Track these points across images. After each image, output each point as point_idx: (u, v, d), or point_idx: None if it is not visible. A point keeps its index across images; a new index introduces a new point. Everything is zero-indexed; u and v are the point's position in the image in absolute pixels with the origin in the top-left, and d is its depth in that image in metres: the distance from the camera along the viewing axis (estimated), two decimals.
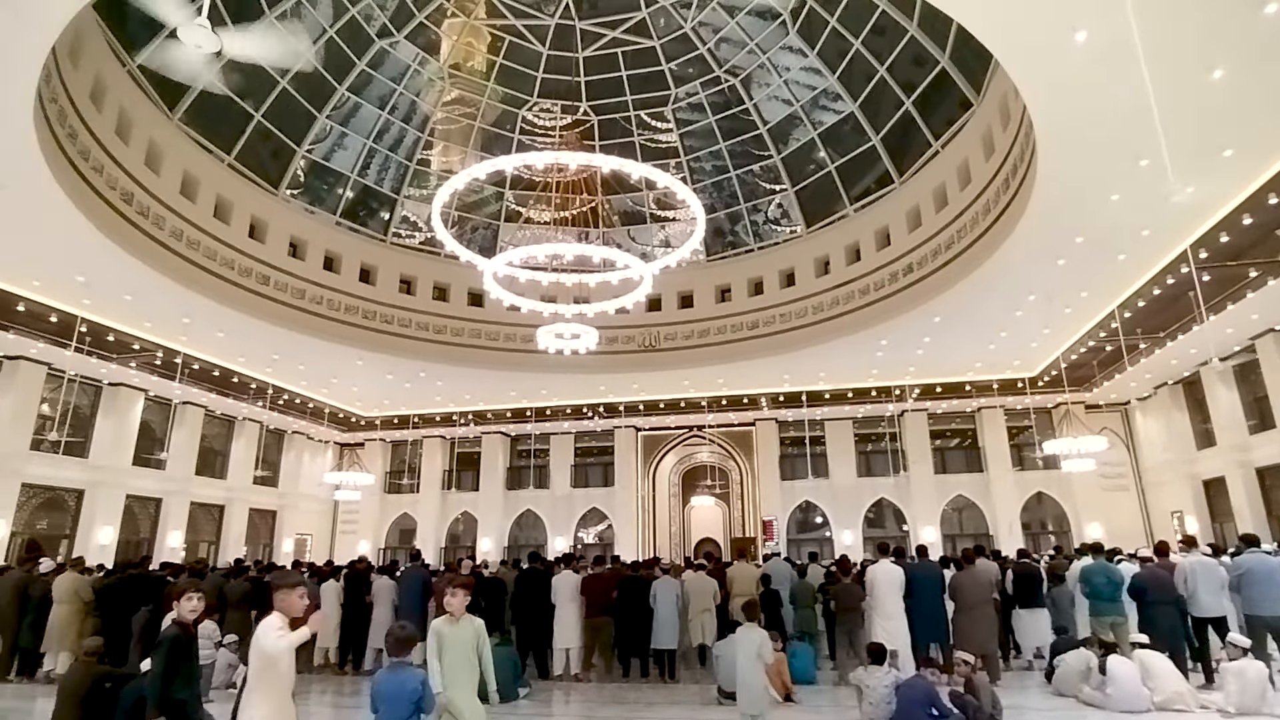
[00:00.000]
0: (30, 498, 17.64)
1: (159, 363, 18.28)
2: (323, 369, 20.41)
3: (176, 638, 4.29)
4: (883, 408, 23.02)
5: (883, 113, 17.31)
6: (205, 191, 15.37)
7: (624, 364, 20.29)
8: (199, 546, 22.14)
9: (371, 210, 20.28)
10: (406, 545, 25.92)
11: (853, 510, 23.68)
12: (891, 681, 6.69)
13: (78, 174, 11.66)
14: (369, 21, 17.30)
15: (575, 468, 26.35)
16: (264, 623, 3.86)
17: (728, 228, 21.53)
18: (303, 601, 4.02)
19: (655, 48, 18.90)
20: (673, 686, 9.48)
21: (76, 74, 11.34)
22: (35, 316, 15.26)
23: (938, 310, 16.08)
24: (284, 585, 4.01)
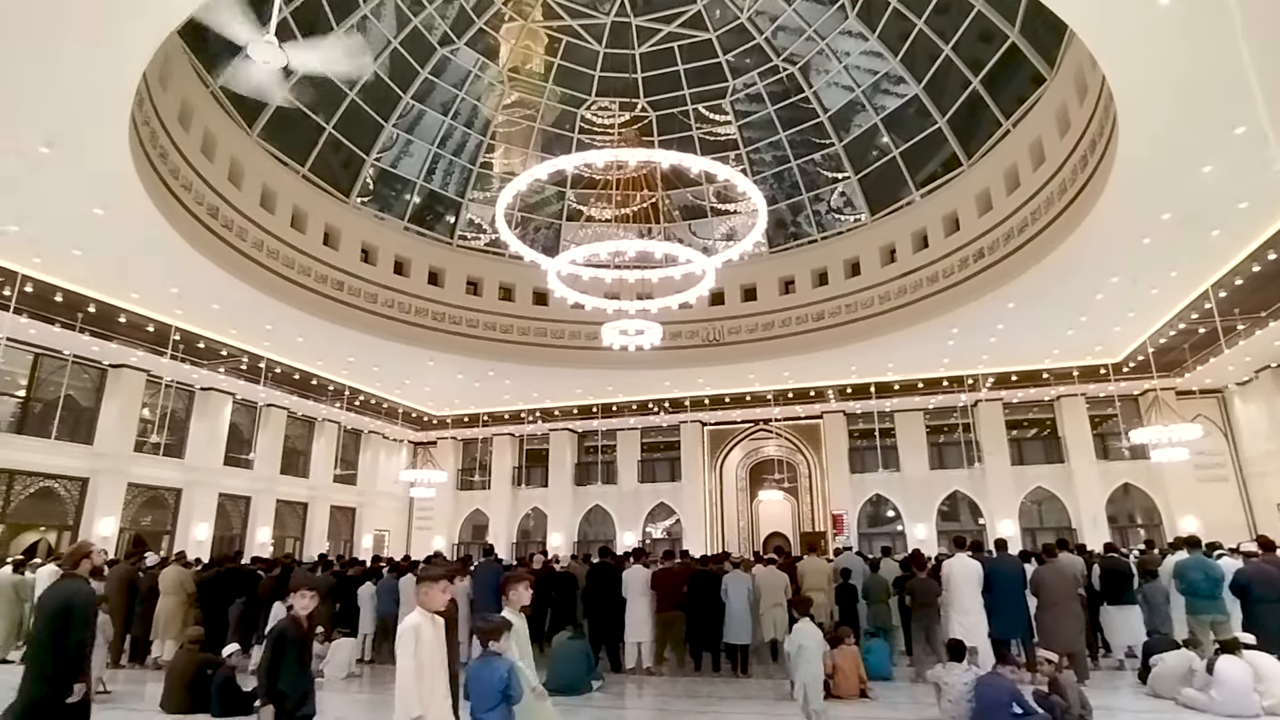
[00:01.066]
0: (135, 496, 18.86)
1: (245, 367, 19.24)
2: (396, 370, 21.10)
3: (285, 631, 4.40)
4: (955, 398, 22.32)
5: (948, 94, 16.75)
6: (283, 203, 16.08)
7: (688, 359, 20.28)
8: (285, 542, 23.23)
9: (438, 214, 20.84)
10: (479, 540, 26.57)
11: (925, 503, 23.07)
12: (971, 679, 6.51)
13: (169, 192, 12.37)
14: (430, 30, 17.76)
15: (642, 463, 26.49)
16: (407, 620, 3.82)
17: (790, 218, 21.24)
18: (444, 596, 3.98)
19: (711, 40, 18.79)
20: (745, 681, 9.46)
21: (166, 97, 12.02)
22: (135, 327, 16.28)
23: (1011, 296, 15.48)
24: (426, 579, 3.97)
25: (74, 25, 8.25)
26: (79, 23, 8.23)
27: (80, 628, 4.53)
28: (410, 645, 3.66)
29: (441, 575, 3.99)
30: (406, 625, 3.75)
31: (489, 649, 4.20)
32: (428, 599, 3.90)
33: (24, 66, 8.70)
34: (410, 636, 3.69)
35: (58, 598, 4.59)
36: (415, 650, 3.67)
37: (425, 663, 3.69)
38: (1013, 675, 6.53)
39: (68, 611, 4.49)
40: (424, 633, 3.74)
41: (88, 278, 14.50)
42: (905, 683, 9.09)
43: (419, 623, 3.78)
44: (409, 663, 3.63)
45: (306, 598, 4.61)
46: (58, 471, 17.22)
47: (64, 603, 4.53)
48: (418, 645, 3.68)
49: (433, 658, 3.77)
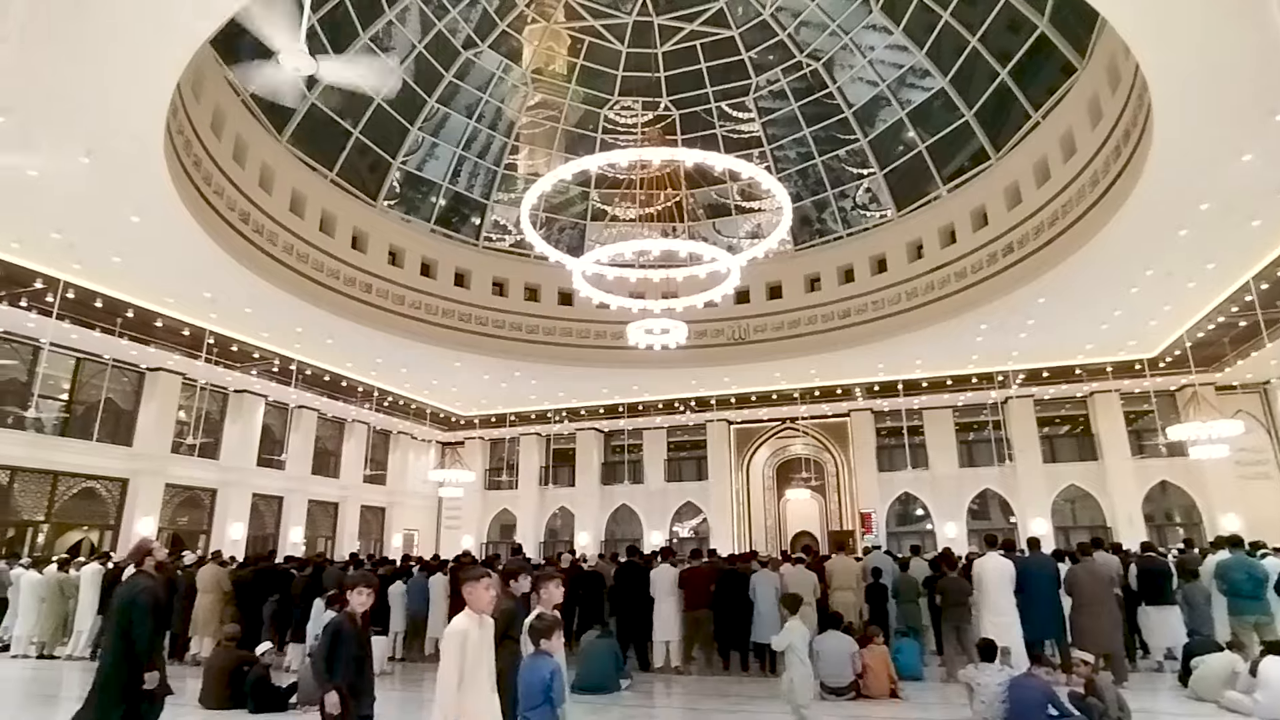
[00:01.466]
0: (172, 497, 19.31)
1: (276, 370, 19.59)
2: (423, 371, 21.33)
3: (340, 628, 4.40)
4: (985, 395, 21.99)
5: (975, 86, 16.51)
6: (312, 207, 16.34)
7: (714, 358, 20.24)
8: (317, 541, 23.60)
9: (463, 216, 21.03)
10: (507, 540, 26.79)
11: (955, 502, 22.78)
12: (1004, 680, 6.42)
13: (202, 199, 12.64)
14: (454, 34, 17.92)
15: (669, 462, 26.50)
16: (454, 622, 3.70)
17: (815, 215, 21.09)
18: (489, 594, 3.80)
19: (734, 37, 18.72)
20: (774, 680, 9.41)
21: (198, 107, 12.28)
22: (171, 331, 16.66)
23: (1042, 291, 15.21)
24: (470, 579, 3.80)
25: (112, 38, 8.46)
26: (116, 36, 8.44)
27: (146, 619, 4.78)
28: (456, 648, 3.55)
29: (484, 574, 3.85)
30: (454, 628, 3.64)
31: (540, 648, 4.15)
32: (473, 599, 3.75)
33: (65, 79, 8.94)
34: (457, 640, 3.58)
35: (125, 593, 4.86)
36: (460, 654, 3.55)
37: (470, 666, 3.58)
38: (1048, 676, 6.41)
39: (133, 605, 4.78)
40: (470, 636, 3.62)
41: (126, 283, 14.87)
42: (936, 683, 8.99)
43: (466, 626, 3.65)
44: (452, 666, 3.53)
45: (364, 594, 4.53)
46: (99, 472, 17.69)
47: (130, 597, 4.81)
48: (464, 648, 3.57)
49: (479, 660, 3.64)
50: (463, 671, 3.53)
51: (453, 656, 3.54)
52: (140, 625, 4.74)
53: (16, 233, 12.67)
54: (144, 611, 4.78)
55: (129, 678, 4.65)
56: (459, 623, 3.66)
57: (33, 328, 15.29)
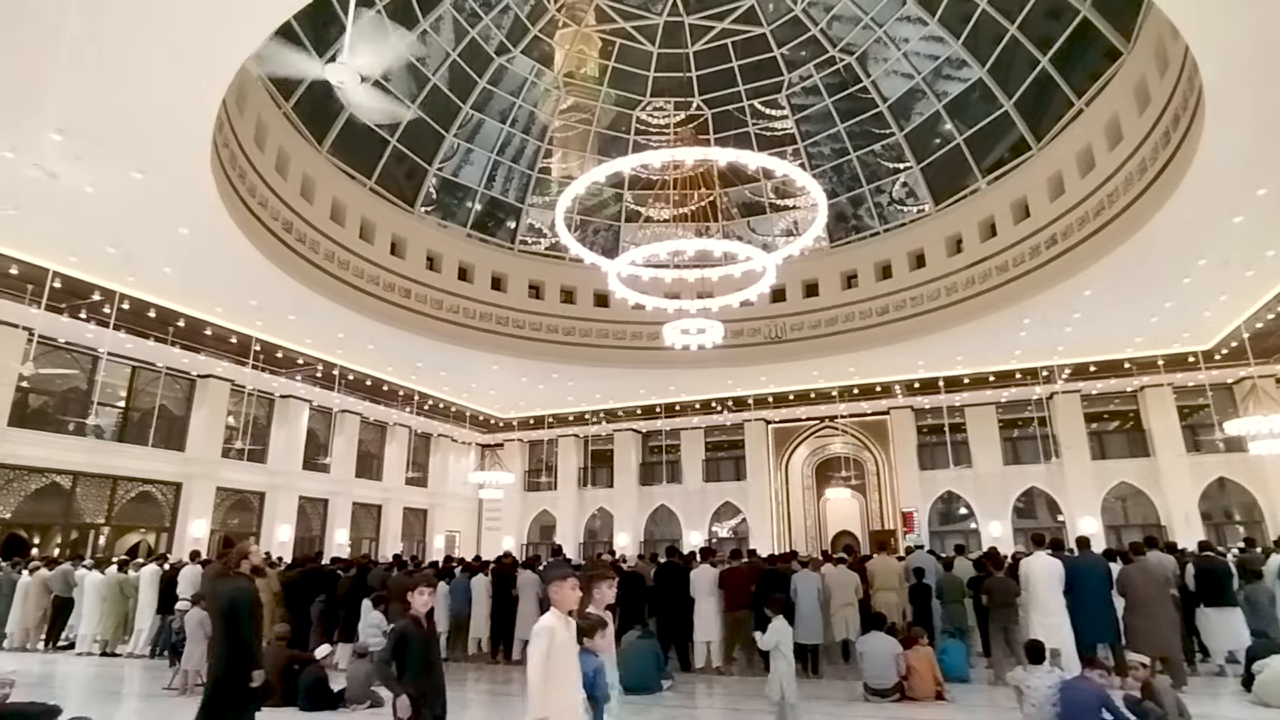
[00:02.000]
0: (223, 500, 19.90)
1: (320, 375, 20.04)
2: (462, 374, 21.61)
3: (405, 632, 4.39)
4: (1029, 390, 21.46)
5: (1015, 75, 16.15)
6: (352, 215, 16.68)
7: (751, 357, 20.13)
8: (362, 543, 24.08)
9: (499, 220, 21.26)
10: (547, 540, 27.01)
11: (1000, 500, 22.28)
12: (1055, 682, 6.24)
13: (247, 210, 13.00)
14: (487, 41, 18.13)
15: (707, 462, 26.44)
16: (541, 621, 3.69)
17: (850, 212, 20.84)
18: (574, 594, 3.78)
19: (765, 34, 18.61)
20: (817, 682, 9.34)
21: (242, 120, 12.63)
22: (219, 339, 17.18)
23: (1088, 283, 14.80)
24: (555, 578, 3.80)
25: (160, 58, 8.75)
26: (165, 56, 8.73)
27: (248, 620, 5.06)
28: (544, 647, 3.56)
29: (569, 573, 3.85)
30: (542, 627, 3.63)
31: (584, 646, 4.13)
32: (559, 598, 3.75)
33: (117, 99, 9.27)
34: (544, 638, 3.58)
35: (225, 595, 5.14)
36: (548, 652, 3.56)
37: (557, 665, 3.59)
38: (1101, 680, 6.22)
39: (234, 607, 5.05)
40: (558, 635, 3.63)
41: (177, 293, 15.38)
42: (983, 685, 8.81)
43: (553, 625, 3.65)
44: (539, 665, 3.54)
45: (425, 594, 4.47)
46: (155, 477, 18.32)
47: (231, 600, 5.08)
48: (550, 647, 3.57)
49: (566, 659, 3.67)
50: (552, 667, 3.55)
51: (540, 655, 3.55)
52: (245, 625, 5.02)
53: (74, 247, 13.17)
54: (248, 612, 5.07)
55: (237, 676, 4.91)
56: (547, 621, 3.67)
57: (91, 338, 15.90)
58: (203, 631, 8.82)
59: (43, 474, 16.18)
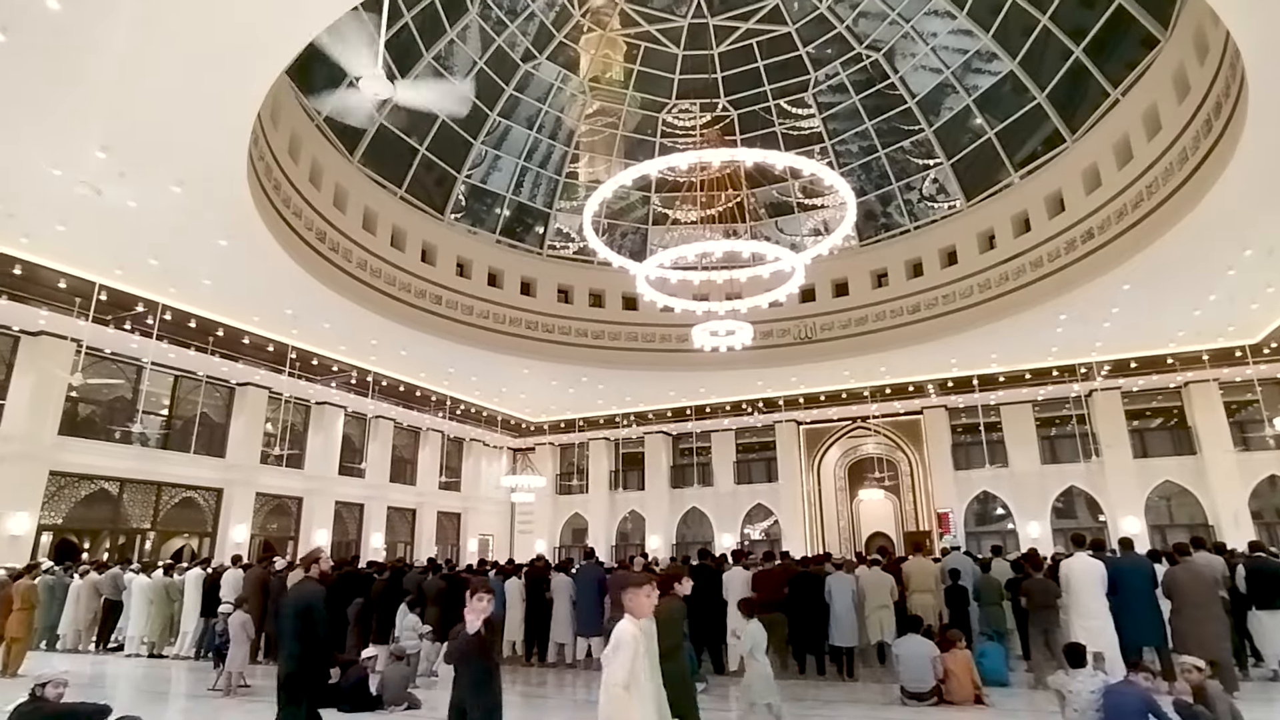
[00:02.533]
0: (263, 505, 20.33)
1: (354, 381, 20.38)
2: (493, 379, 21.82)
3: (464, 652, 4.34)
4: (1067, 388, 21.01)
5: (1047, 67, 15.86)
6: (383, 224, 16.95)
7: (781, 357, 20.03)
8: (397, 547, 24.40)
9: (527, 225, 21.43)
10: (579, 543, 27.09)
11: (1038, 500, 21.83)
12: (1098, 686, 6.09)
13: (283, 221, 13.29)
14: (513, 48, 18.30)
15: (738, 464, 26.33)
16: (625, 629, 3.68)
17: (880, 209, 20.62)
18: (650, 600, 3.76)
19: (791, 33, 18.51)
20: (852, 685, 9.24)
21: (277, 133, 12.92)
22: (257, 347, 17.59)
23: (1127, 277, 14.46)
24: (632, 585, 3.80)
25: (197, 75, 9.00)
26: (201, 73, 8.97)
27: (321, 620, 5.37)
28: (630, 654, 3.55)
29: (646, 579, 3.88)
30: (626, 635, 3.61)
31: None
32: (635, 605, 3.74)
33: (157, 116, 9.54)
34: (630, 648, 3.57)
35: (299, 598, 5.46)
36: (633, 658, 3.55)
37: (638, 672, 3.60)
38: (1147, 684, 6.05)
39: (309, 608, 5.34)
40: (640, 640, 3.64)
41: (216, 304, 15.78)
42: (1024, 689, 8.64)
43: (636, 632, 3.63)
44: (623, 671, 3.52)
45: (484, 600, 4.22)
46: (197, 483, 18.80)
47: (304, 602, 5.38)
48: (635, 653, 3.56)
49: (643, 666, 3.67)
50: (633, 675, 3.56)
51: (625, 661, 3.54)
52: (321, 626, 5.33)
53: (119, 260, 13.60)
54: (322, 614, 5.37)
55: (310, 675, 5.24)
56: (629, 629, 3.66)
57: (136, 348, 16.37)
58: (245, 634, 9.05)
59: (92, 480, 16.71)
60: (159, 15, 7.85)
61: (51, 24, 7.90)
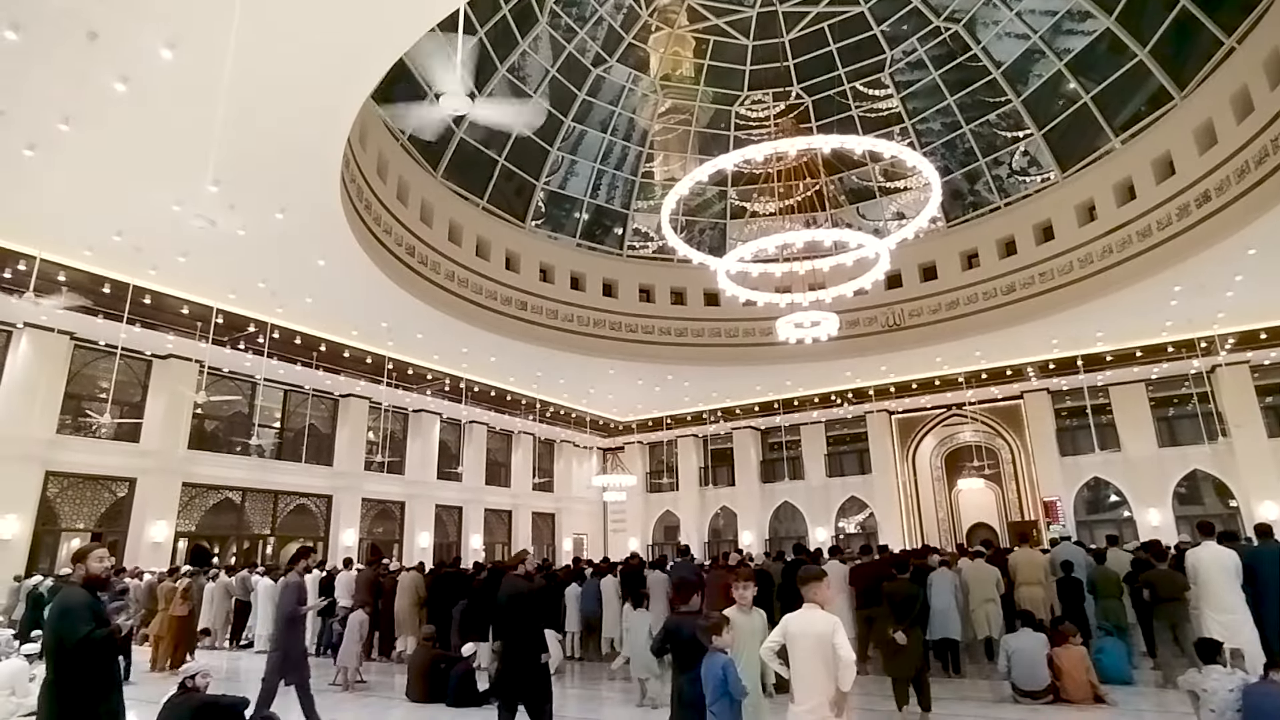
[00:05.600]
0: (368, 510, 21.40)
1: (448, 389, 21.17)
2: (580, 381, 22.21)
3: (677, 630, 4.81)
4: (1186, 364, 19.50)
5: (1149, 20, 14.81)
6: (468, 235, 17.53)
7: (868, 346, 19.52)
8: (495, 547, 25.19)
9: (606, 228, 21.69)
10: (672, 541, 27.22)
11: (1157, 486, 20.37)
12: (1237, 685, 5.66)
13: (374, 238, 13.95)
14: (583, 54, 18.55)
15: (829, 457, 25.85)
16: (802, 617, 4.14)
17: (966, 188, 19.76)
18: (828, 590, 4.36)
19: (863, 13, 18.00)
20: (960, 681, 8.93)
21: (365, 155, 13.58)
22: (357, 360, 18.53)
23: (1252, 240, 13.29)
24: (810, 578, 4.28)
25: (289, 107, 9.59)
26: (293, 103, 9.55)
27: (540, 613, 6.11)
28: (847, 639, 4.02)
29: (821, 573, 4.34)
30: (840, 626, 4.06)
31: (712, 644, 4.32)
32: (817, 595, 4.21)
33: (259, 148, 10.22)
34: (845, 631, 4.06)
35: (511, 591, 6.03)
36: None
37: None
38: None
39: (524, 601, 5.91)
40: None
41: (318, 321, 16.74)
42: (1149, 688, 8.13)
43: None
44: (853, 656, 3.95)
45: (748, 590, 4.80)
46: (309, 490, 19.99)
47: (515, 595, 5.94)
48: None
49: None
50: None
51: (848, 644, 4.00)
52: (543, 617, 6.09)
53: (232, 285, 14.63)
54: (536, 606, 6.03)
55: (526, 659, 5.78)
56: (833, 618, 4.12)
57: (249, 366, 17.56)
58: (360, 632, 9.58)
59: (218, 490, 18.06)
60: (256, 58, 8.39)
61: (164, 72, 8.58)
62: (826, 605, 4.21)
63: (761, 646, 4.33)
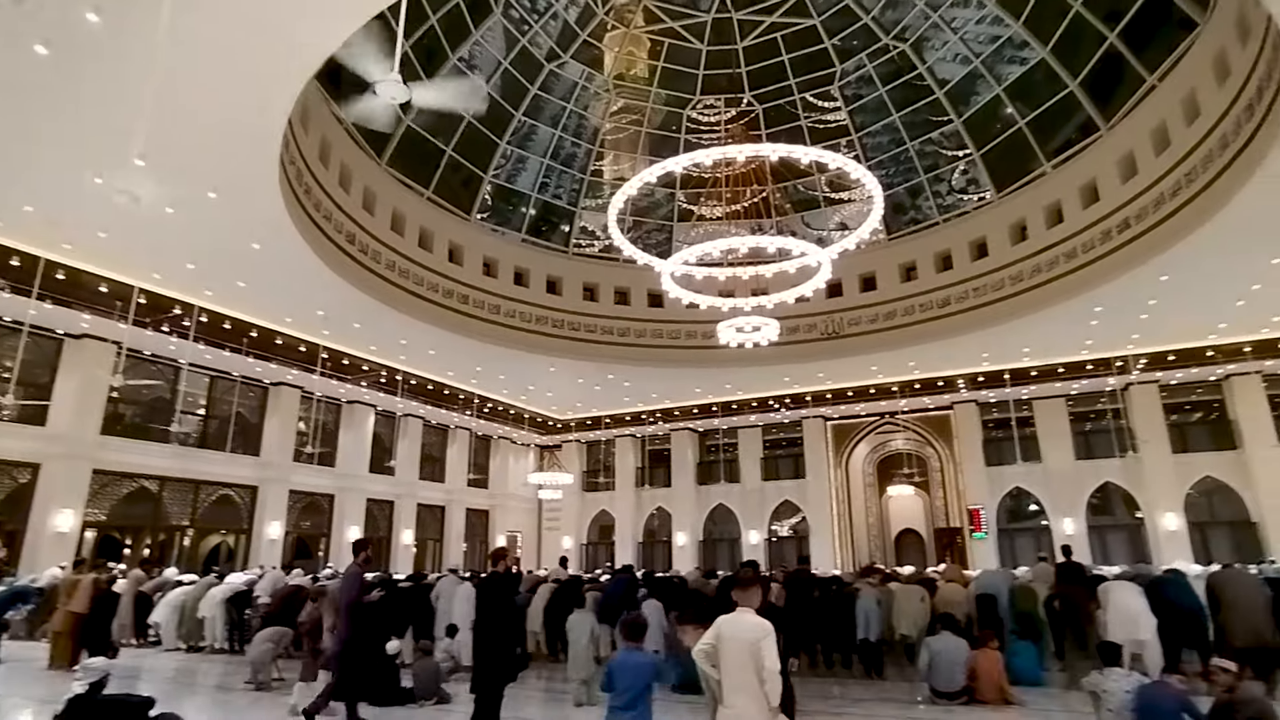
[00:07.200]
0: (296, 502, 20.69)
1: (384, 381, 20.68)
2: (520, 377, 21.99)
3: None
4: (1102, 382, 20.56)
5: (1081, 53, 15.54)
6: (411, 225, 17.16)
7: (807, 353, 19.88)
8: (427, 544, 24.72)
9: (553, 225, 21.53)
10: (606, 540, 27.27)
11: (1073, 496, 21.38)
12: (1133, 686, 5.97)
13: (313, 224, 13.52)
14: (537, 47, 18.38)
15: (765, 460, 26.22)
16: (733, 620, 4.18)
17: (908, 202, 20.35)
18: (759, 597, 4.40)
19: (816, 26, 18.34)
20: (880, 683, 9.17)
21: (307, 138, 13.14)
22: (289, 348, 17.93)
23: (1164, 268, 14.09)
24: (743, 584, 4.33)
25: (228, 85, 9.21)
26: (232, 82, 9.17)
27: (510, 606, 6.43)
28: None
29: (755, 580, 4.43)
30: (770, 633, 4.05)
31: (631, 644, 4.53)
32: (750, 601, 4.26)
33: (192, 124, 9.76)
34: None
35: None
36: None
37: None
38: (1182, 684, 5.93)
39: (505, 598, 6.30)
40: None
41: (250, 305, 16.13)
42: (1058, 689, 8.50)
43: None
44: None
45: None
46: (233, 480, 19.20)
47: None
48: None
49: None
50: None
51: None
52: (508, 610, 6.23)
53: (157, 264, 13.95)
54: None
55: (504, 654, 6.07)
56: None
57: (174, 350, 16.77)
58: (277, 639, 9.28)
59: (133, 479, 17.17)
60: (193, 25, 8.02)
61: (91, 36, 8.12)
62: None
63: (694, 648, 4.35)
